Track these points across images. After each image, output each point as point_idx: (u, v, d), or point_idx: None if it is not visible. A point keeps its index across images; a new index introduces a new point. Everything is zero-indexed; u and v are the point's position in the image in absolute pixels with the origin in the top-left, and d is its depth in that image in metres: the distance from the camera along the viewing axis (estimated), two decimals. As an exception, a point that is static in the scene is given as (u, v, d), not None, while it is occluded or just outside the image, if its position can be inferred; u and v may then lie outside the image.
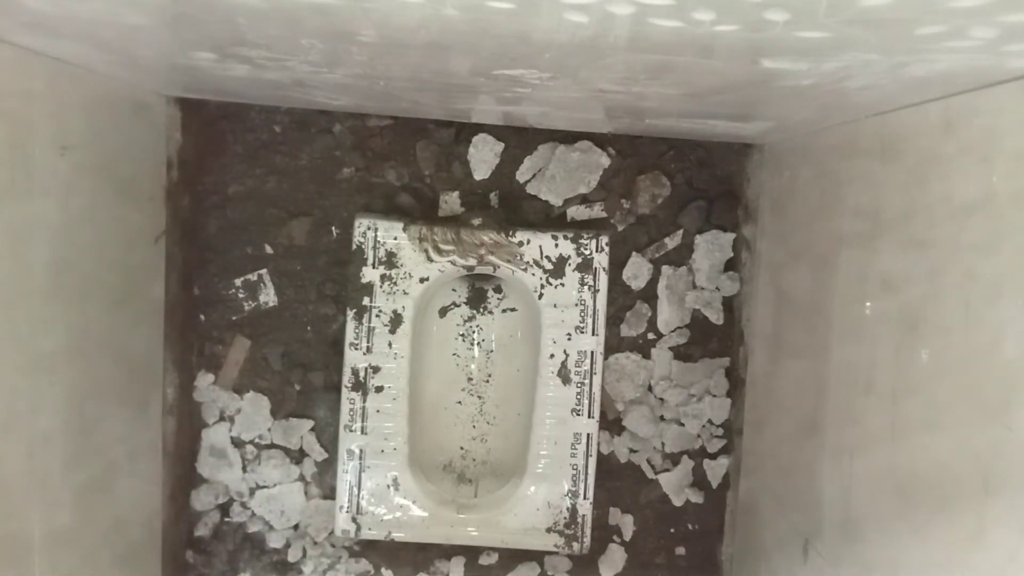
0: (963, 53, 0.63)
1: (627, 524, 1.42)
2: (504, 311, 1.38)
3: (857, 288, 0.98)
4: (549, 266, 1.27)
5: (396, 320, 1.27)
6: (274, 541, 1.40)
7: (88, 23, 0.76)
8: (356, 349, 1.27)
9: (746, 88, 0.85)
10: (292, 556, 1.40)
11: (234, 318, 1.38)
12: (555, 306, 1.27)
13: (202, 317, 1.37)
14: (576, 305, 1.27)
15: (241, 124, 1.36)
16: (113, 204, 1.11)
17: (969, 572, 0.74)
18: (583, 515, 1.28)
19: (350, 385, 1.27)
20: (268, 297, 1.38)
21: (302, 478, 1.39)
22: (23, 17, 0.75)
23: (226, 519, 1.39)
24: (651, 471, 1.42)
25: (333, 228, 1.38)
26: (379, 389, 1.27)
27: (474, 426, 1.38)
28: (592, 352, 1.28)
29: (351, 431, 1.27)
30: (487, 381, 1.38)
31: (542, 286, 1.27)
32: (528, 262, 1.27)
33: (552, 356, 1.28)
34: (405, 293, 1.27)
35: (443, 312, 1.37)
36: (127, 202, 1.16)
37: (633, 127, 1.30)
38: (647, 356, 1.41)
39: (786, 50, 0.66)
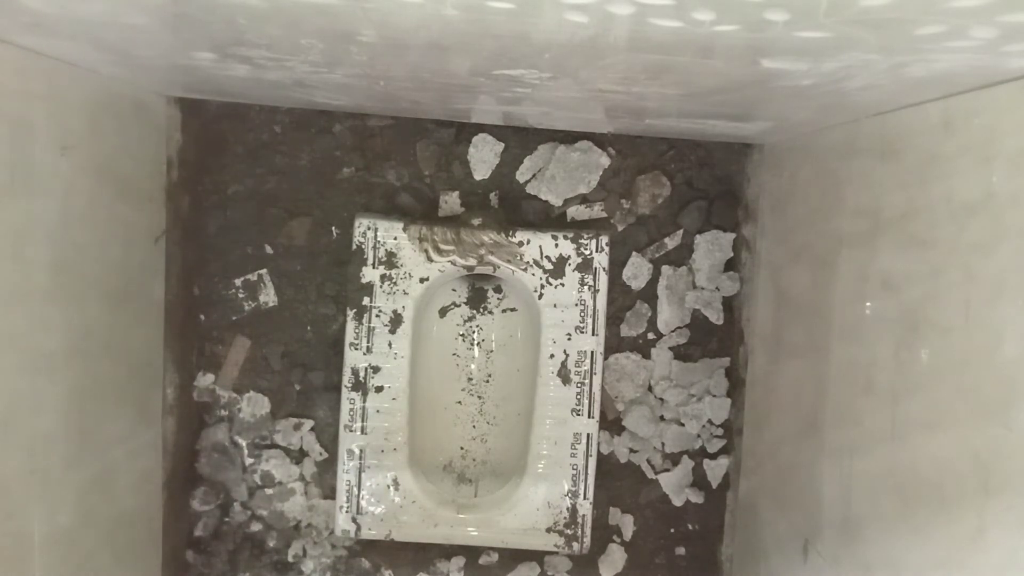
0: (963, 53, 0.63)
1: (627, 524, 1.42)
2: (504, 311, 1.38)
3: (857, 288, 0.98)
4: (549, 266, 1.27)
5: (396, 320, 1.27)
6: (274, 541, 1.40)
7: (88, 23, 0.76)
8: (356, 349, 1.27)
9: (746, 88, 0.85)
10: (292, 556, 1.40)
11: (234, 318, 1.38)
12: (555, 306, 1.27)
13: (202, 317, 1.37)
14: (576, 305, 1.27)
15: (241, 124, 1.36)
16: (113, 204, 1.11)
17: (969, 572, 0.74)
18: (583, 515, 1.28)
19: (350, 385, 1.27)
20: (268, 297, 1.38)
21: (302, 478, 1.40)
22: (23, 17, 0.75)
23: (226, 519, 1.39)
24: (651, 471, 1.43)
25: (333, 228, 1.38)
26: (379, 389, 1.27)
27: (474, 426, 1.38)
28: (592, 352, 1.28)
29: (351, 431, 1.27)
30: (487, 381, 1.38)
31: (542, 286, 1.27)
32: (528, 262, 1.27)
33: (552, 356, 1.28)
34: (405, 293, 1.27)
35: (443, 312, 1.38)
36: (127, 202, 1.16)
37: (633, 127, 1.30)
38: (647, 356, 1.41)
39: (786, 50, 0.66)
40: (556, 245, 1.27)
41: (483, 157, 1.37)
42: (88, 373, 1.05)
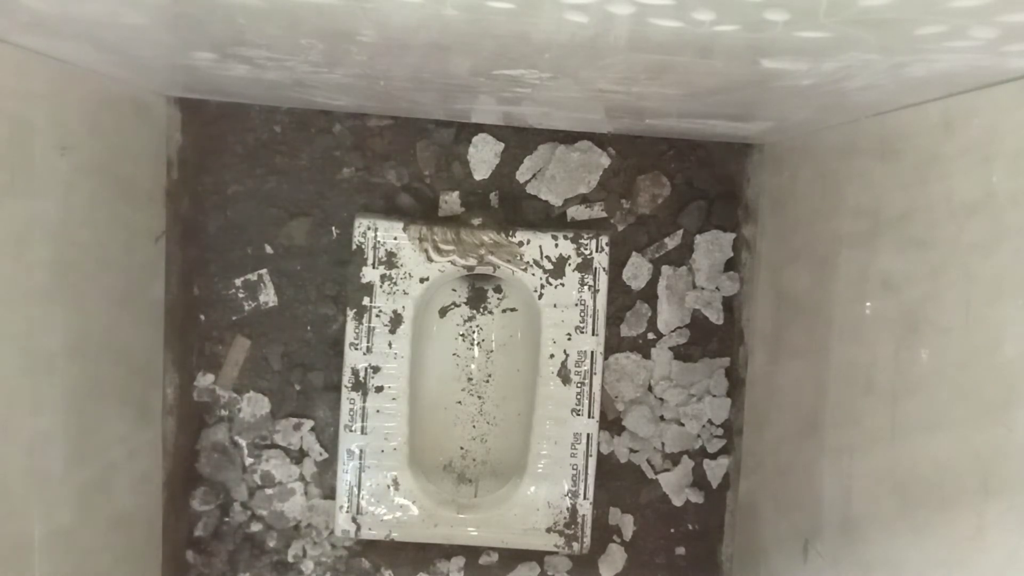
0: (963, 53, 0.63)
1: (627, 524, 1.42)
2: (504, 311, 1.38)
3: (857, 288, 0.98)
4: (549, 266, 1.27)
5: (396, 320, 1.27)
6: (274, 541, 1.40)
7: (88, 23, 0.76)
8: (356, 349, 1.27)
9: (746, 88, 0.85)
10: (292, 556, 1.40)
11: (234, 318, 1.38)
12: (555, 306, 1.27)
13: (202, 317, 1.37)
14: (576, 305, 1.27)
15: (241, 124, 1.36)
16: (113, 204, 1.11)
17: (969, 572, 0.74)
18: (583, 515, 1.28)
19: (350, 385, 1.27)
20: (268, 297, 1.38)
21: (302, 478, 1.39)
22: (23, 17, 0.75)
23: (226, 519, 1.39)
24: (651, 471, 1.43)
25: (333, 228, 1.38)
26: (379, 389, 1.27)
27: (474, 426, 1.38)
28: (592, 352, 1.28)
29: (351, 431, 1.27)
30: (487, 381, 1.38)
31: (542, 286, 1.27)
32: (528, 262, 1.27)
33: (552, 356, 1.28)
34: (405, 293, 1.27)
35: (443, 312, 1.37)
36: (127, 202, 1.16)
37: (633, 127, 1.30)
38: (647, 356, 1.41)
39: (786, 50, 0.66)
40: (556, 245, 1.27)
41: (483, 157, 1.37)
42: (88, 373, 1.05)
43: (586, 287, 1.27)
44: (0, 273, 0.87)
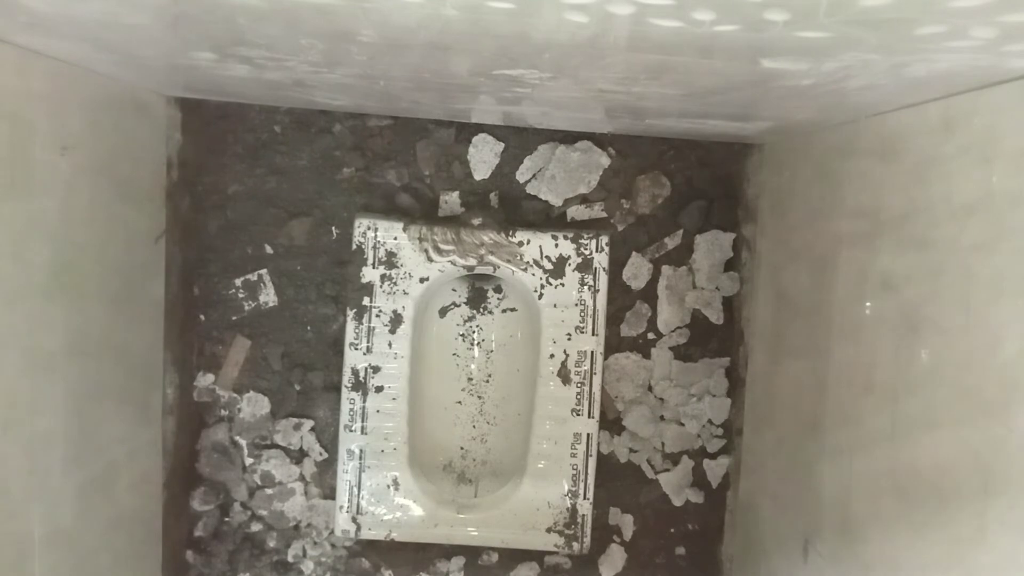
0: (963, 53, 0.63)
1: (627, 524, 1.42)
2: (504, 311, 1.38)
3: (857, 288, 0.98)
4: (549, 266, 1.27)
5: (396, 320, 1.27)
6: (274, 541, 1.40)
7: (88, 23, 0.76)
8: (356, 349, 1.27)
9: (746, 88, 0.85)
10: (292, 556, 1.40)
11: (234, 318, 1.38)
12: (555, 306, 1.27)
13: (202, 317, 1.37)
14: (576, 305, 1.27)
15: (241, 124, 1.36)
16: (113, 204, 1.11)
17: (969, 572, 0.74)
18: (583, 515, 1.28)
19: (350, 385, 1.27)
20: (268, 297, 1.38)
21: (302, 478, 1.39)
22: (23, 17, 0.75)
23: (226, 519, 1.39)
24: (651, 471, 1.42)
25: (333, 228, 1.38)
26: (379, 389, 1.27)
27: (474, 426, 1.38)
28: (592, 352, 1.28)
29: (351, 431, 1.27)
30: (487, 381, 1.38)
31: (542, 286, 1.27)
32: (528, 262, 1.27)
33: (552, 356, 1.28)
34: (405, 293, 1.27)
35: (443, 312, 1.37)
36: (127, 202, 1.16)
37: (633, 127, 1.30)
38: (647, 356, 1.41)
39: (786, 50, 0.66)
40: (556, 245, 1.27)
41: (483, 157, 1.37)
42: (88, 373, 1.05)
43: (586, 287, 1.27)
44: (0, 273, 0.87)
